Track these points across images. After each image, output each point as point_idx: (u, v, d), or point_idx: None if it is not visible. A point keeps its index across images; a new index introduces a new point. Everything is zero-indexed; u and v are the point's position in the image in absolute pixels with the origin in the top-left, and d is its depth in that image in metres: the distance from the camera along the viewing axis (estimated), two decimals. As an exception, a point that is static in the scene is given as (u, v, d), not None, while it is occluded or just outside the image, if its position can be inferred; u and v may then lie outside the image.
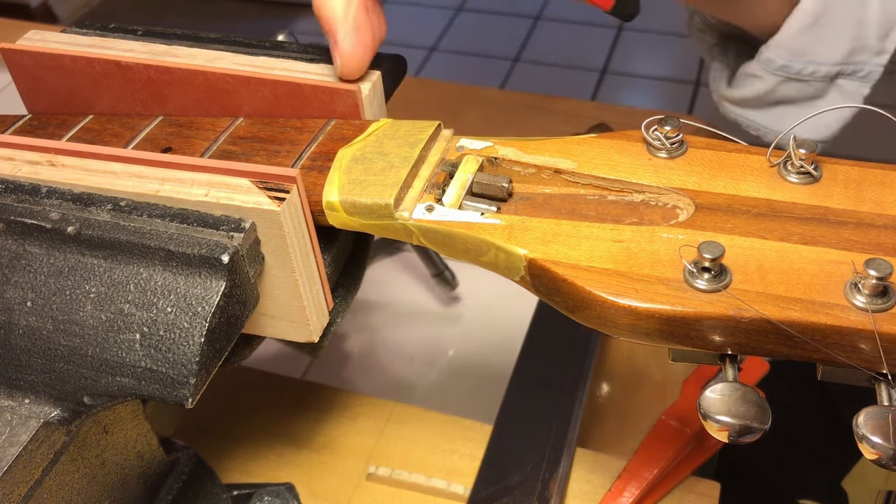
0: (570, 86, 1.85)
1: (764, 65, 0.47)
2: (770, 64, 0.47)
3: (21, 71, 0.38)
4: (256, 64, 0.37)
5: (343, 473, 0.49)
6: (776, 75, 0.47)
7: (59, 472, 0.33)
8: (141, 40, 0.39)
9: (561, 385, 0.51)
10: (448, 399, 0.55)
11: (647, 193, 0.31)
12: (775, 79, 0.48)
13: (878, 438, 0.24)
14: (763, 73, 0.48)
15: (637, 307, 0.27)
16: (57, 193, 0.31)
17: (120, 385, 0.30)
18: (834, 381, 0.27)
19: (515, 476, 0.46)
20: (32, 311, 0.30)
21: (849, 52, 0.46)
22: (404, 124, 0.34)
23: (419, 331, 0.59)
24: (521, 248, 0.29)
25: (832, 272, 0.27)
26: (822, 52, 0.46)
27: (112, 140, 0.36)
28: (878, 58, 0.46)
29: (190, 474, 0.43)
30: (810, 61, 0.46)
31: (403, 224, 0.31)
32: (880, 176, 0.30)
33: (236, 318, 0.30)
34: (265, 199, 0.30)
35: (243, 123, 0.36)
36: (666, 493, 0.46)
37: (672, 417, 0.47)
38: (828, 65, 0.46)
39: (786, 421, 0.35)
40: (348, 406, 0.52)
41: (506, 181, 0.31)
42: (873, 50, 0.46)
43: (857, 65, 0.47)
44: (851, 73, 0.47)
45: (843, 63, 0.46)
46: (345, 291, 0.38)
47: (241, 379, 0.54)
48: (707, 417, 0.26)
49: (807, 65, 0.46)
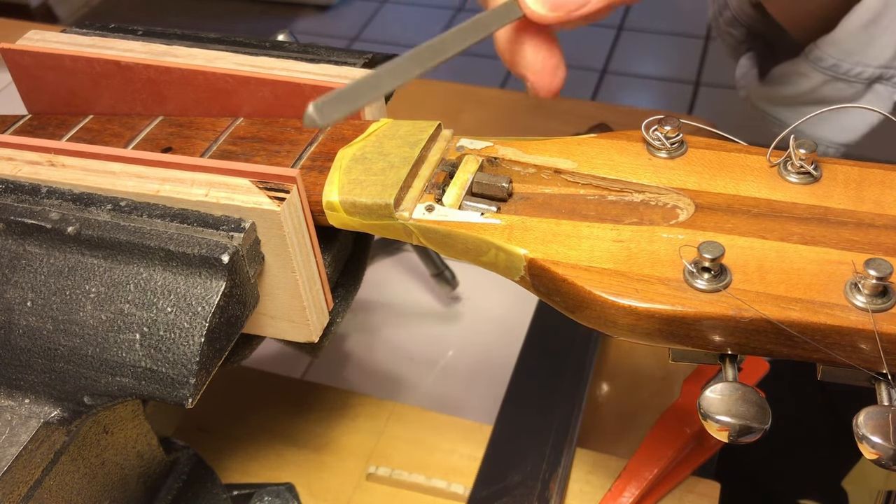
0: (570, 86, 1.84)
1: (813, 63, 0.48)
2: (819, 62, 0.47)
3: (21, 71, 0.38)
4: (256, 64, 0.37)
5: (343, 473, 0.49)
6: (824, 74, 0.48)
7: (59, 472, 0.33)
8: (141, 40, 0.39)
9: (561, 385, 0.51)
10: (448, 399, 0.55)
11: (647, 193, 0.31)
12: (821, 77, 0.48)
13: (878, 438, 0.24)
14: (810, 71, 0.48)
15: (637, 307, 0.27)
16: (57, 193, 0.31)
17: (120, 385, 0.30)
18: (834, 381, 0.27)
19: (515, 476, 0.46)
20: (32, 311, 0.30)
21: (893, 54, 0.47)
22: (404, 124, 0.34)
23: (419, 331, 0.59)
24: (521, 248, 0.29)
25: (832, 272, 0.27)
26: (872, 52, 0.47)
27: (112, 140, 0.36)
28: None
29: (190, 474, 0.43)
30: (858, 62, 0.47)
31: (403, 224, 0.31)
32: (880, 176, 0.30)
33: (236, 318, 0.30)
34: (265, 199, 0.30)
35: (243, 123, 0.36)
36: (666, 493, 0.46)
37: (672, 417, 0.47)
38: (873, 66, 0.47)
39: (786, 421, 0.35)
40: (348, 406, 0.52)
41: (506, 181, 0.31)
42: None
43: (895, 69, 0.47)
44: (890, 77, 0.48)
45: (887, 66, 0.47)
46: (345, 291, 0.38)
47: (241, 379, 0.54)
48: (707, 417, 0.26)
49: (854, 65, 0.47)
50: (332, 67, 0.36)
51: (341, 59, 0.37)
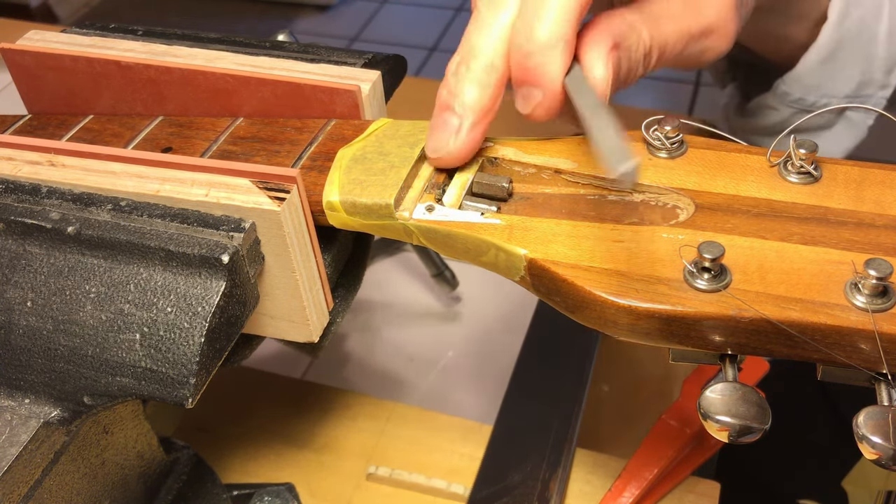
0: (570, 86, 1.85)
1: (780, 98, 0.49)
2: (786, 97, 0.49)
3: (21, 71, 0.38)
4: (256, 64, 0.37)
5: (343, 473, 0.49)
6: (791, 107, 0.50)
7: (59, 472, 0.33)
8: (141, 40, 0.39)
9: (561, 385, 0.51)
10: (448, 399, 0.55)
11: (647, 193, 0.31)
12: (790, 110, 0.50)
13: (878, 438, 0.24)
14: (778, 106, 0.50)
15: (637, 307, 0.27)
16: (57, 193, 0.31)
17: (120, 385, 0.30)
18: (834, 381, 0.27)
19: (515, 476, 0.46)
20: (32, 311, 0.30)
21: (857, 85, 0.48)
22: (404, 124, 0.34)
23: (419, 331, 0.59)
24: (521, 248, 0.29)
25: (832, 272, 0.27)
26: (833, 85, 0.48)
27: (112, 140, 0.36)
28: (883, 91, 0.49)
29: (190, 474, 0.43)
30: (823, 94, 0.48)
31: (403, 224, 0.31)
32: (880, 176, 0.30)
33: (236, 318, 0.30)
34: (265, 199, 0.30)
35: (243, 123, 0.36)
36: (666, 493, 0.46)
37: (672, 417, 0.47)
38: (839, 98, 0.49)
39: (786, 421, 0.35)
40: (348, 406, 0.52)
41: (506, 181, 0.31)
42: (879, 84, 0.48)
43: (863, 98, 0.49)
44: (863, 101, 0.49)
45: (853, 96, 0.49)
46: (345, 291, 0.38)
47: (241, 379, 0.54)
48: (707, 417, 0.26)
49: (820, 98, 0.49)
50: (332, 67, 0.36)
51: (341, 59, 0.37)
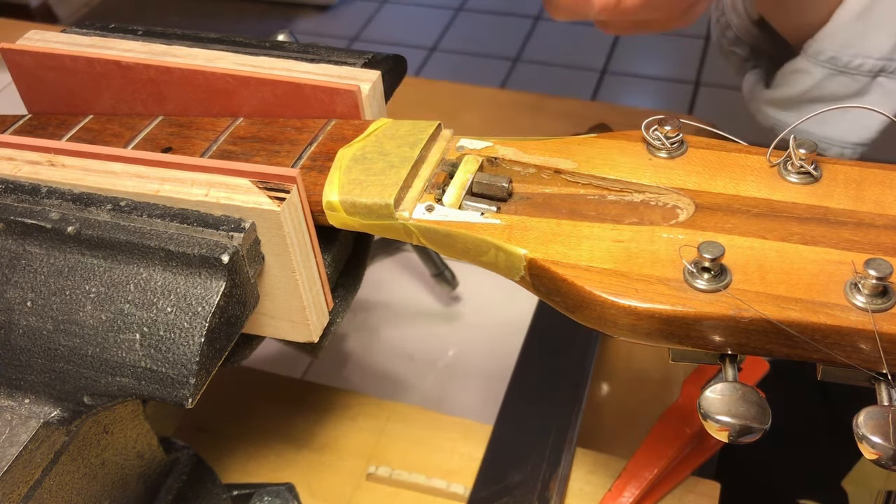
0: (570, 86, 1.85)
1: (812, 57, 0.47)
2: (819, 55, 0.47)
3: (21, 71, 0.38)
4: (256, 64, 0.37)
5: (343, 473, 0.49)
6: (824, 68, 0.47)
7: (59, 472, 0.33)
8: (141, 40, 0.39)
9: (561, 385, 0.51)
10: (448, 399, 0.55)
11: (647, 193, 0.31)
12: (823, 72, 0.48)
13: (878, 438, 0.24)
14: (810, 67, 0.48)
15: (637, 307, 0.27)
16: (57, 193, 0.31)
17: (120, 385, 0.30)
18: (834, 381, 0.27)
19: (515, 476, 0.46)
20: (32, 311, 0.30)
21: (892, 48, 0.46)
22: (404, 124, 0.34)
23: (419, 331, 0.59)
24: (521, 248, 0.29)
25: (832, 272, 0.27)
26: (869, 43, 0.46)
27: (112, 140, 0.36)
28: None
29: (190, 474, 0.43)
30: (857, 53, 0.46)
31: (403, 224, 0.31)
32: (880, 176, 0.30)
33: (236, 318, 0.30)
34: (265, 199, 0.30)
35: (243, 123, 0.36)
36: (666, 493, 0.46)
37: (672, 417, 0.47)
38: (874, 58, 0.47)
39: (786, 421, 0.35)
40: (348, 406, 0.52)
41: (506, 181, 0.31)
42: None
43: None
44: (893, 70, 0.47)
45: (888, 58, 0.47)
46: (345, 291, 0.38)
47: (241, 379, 0.54)
48: (707, 417, 0.26)
49: (854, 57, 0.47)
50: (332, 67, 0.36)
51: (341, 59, 0.37)
